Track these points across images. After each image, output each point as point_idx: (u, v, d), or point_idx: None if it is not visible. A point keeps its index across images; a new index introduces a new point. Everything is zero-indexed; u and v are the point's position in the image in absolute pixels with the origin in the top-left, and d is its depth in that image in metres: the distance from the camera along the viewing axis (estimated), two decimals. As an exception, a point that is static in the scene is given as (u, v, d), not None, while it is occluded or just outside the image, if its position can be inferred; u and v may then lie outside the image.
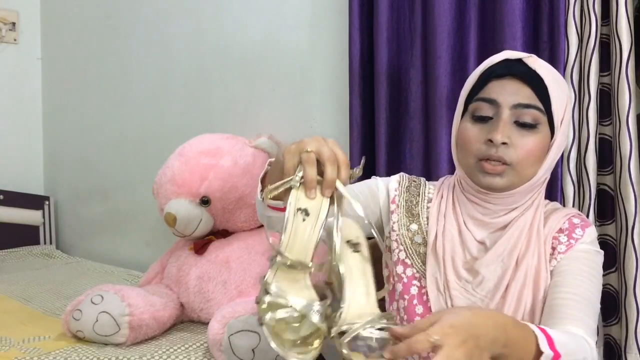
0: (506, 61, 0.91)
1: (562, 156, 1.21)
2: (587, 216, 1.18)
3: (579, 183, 1.21)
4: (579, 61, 1.20)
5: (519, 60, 0.90)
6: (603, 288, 1.21)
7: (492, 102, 0.89)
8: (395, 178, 1.05)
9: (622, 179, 1.14)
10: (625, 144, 1.12)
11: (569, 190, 1.20)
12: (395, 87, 1.46)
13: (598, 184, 1.21)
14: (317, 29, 1.77)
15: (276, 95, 1.89)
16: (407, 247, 0.98)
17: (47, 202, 2.75)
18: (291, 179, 0.73)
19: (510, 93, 0.88)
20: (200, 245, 1.63)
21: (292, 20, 1.83)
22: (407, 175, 1.05)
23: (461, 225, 0.95)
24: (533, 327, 0.73)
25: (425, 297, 0.94)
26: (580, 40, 1.19)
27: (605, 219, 1.22)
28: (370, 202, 1.02)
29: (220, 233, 1.69)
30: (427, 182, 1.05)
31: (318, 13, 1.76)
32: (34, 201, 2.72)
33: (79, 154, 2.72)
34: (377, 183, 1.04)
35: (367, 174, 1.51)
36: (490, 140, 0.87)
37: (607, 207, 1.22)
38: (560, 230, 0.92)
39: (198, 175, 1.61)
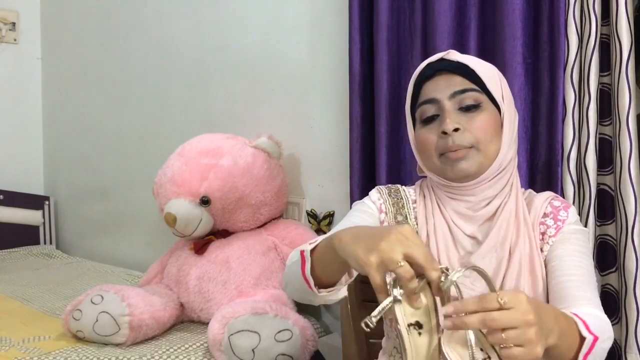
0: (430, 64, 0.96)
1: (562, 156, 1.21)
2: (587, 216, 1.18)
3: (579, 183, 1.21)
4: (579, 61, 1.20)
5: (441, 59, 0.95)
6: (603, 288, 1.23)
7: (432, 100, 0.93)
8: (373, 191, 1.05)
9: (622, 179, 1.14)
10: (625, 144, 1.12)
11: (569, 190, 1.20)
12: (395, 87, 1.46)
13: (598, 184, 1.21)
14: (317, 29, 1.77)
15: (276, 95, 1.89)
16: None
17: (47, 202, 2.75)
18: (391, 301, 0.65)
19: (443, 87, 0.92)
20: (200, 245, 1.63)
21: (292, 21, 1.83)
22: (381, 186, 1.07)
23: (449, 222, 0.96)
24: (569, 313, 0.75)
25: None
26: (580, 40, 1.19)
27: (605, 219, 1.22)
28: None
29: (220, 233, 1.69)
30: (403, 186, 1.06)
31: (318, 13, 1.76)
32: (34, 201, 2.72)
33: (79, 154, 2.72)
34: (365, 203, 1.03)
35: (367, 174, 1.52)
36: (444, 132, 0.90)
37: (607, 207, 1.22)
38: (545, 215, 0.95)
39: (198, 175, 1.61)
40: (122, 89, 2.47)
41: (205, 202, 1.61)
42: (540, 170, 1.27)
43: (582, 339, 0.72)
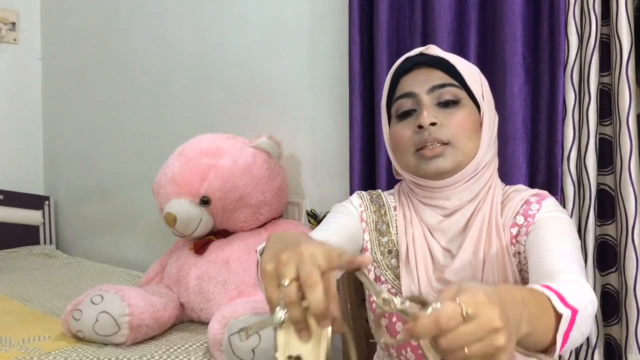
0: (408, 58, 0.93)
1: (562, 156, 1.21)
2: (587, 216, 1.18)
3: (579, 183, 1.21)
4: (579, 61, 1.20)
5: (420, 54, 0.92)
6: (603, 288, 1.22)
7: (409, 94, 0.90)
8: (354, 196, 1.02)
9: (622, 179, 1.14)
10: (625, 144, 1.12)
11: (569, 190, 1.20)
12: (395, 87, 1.46)
13: (598, 184, 1.21)
14: (317, 29, 1.77)
15: (276, 95, 1.89)
16: (380, 263, 0.95)
17: (47, 202, 2.75)
18: (272, 321, 0.56)
19: (422, 80, 0.89)
20: (200, 245, 1.63)
21: (292, 20, 1.83)
22: (362, 191, 1.03)
23: (426, 233, 0.93)
24: (541, 288, 0.66)
25: None
26: (580, 40, 1.19)
27: (605, 219, 1.22)
28: (355, 229, 0.97)
29: (220, 233, 1.68)
30: (382, 192, 1.03)
31: (318, 13, 1.76)
32: (34, 201, 2.72)
33: (79, 154, 2.72)
34: (346, 206, 1.00)
35: (367, 174, 1.52)
36: (420, 126, 0.87)
37: (607, 207, 1.22)
38: (517, 213, 0.89)
39: (198, 175, 1.61)
40: (122, 89, 2.47)
41: (205, 202, 1.61)
42: (540, 170, 1.27)
43: (559, 315, 0.64)
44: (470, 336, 0.51)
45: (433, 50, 0.91)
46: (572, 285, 0.70)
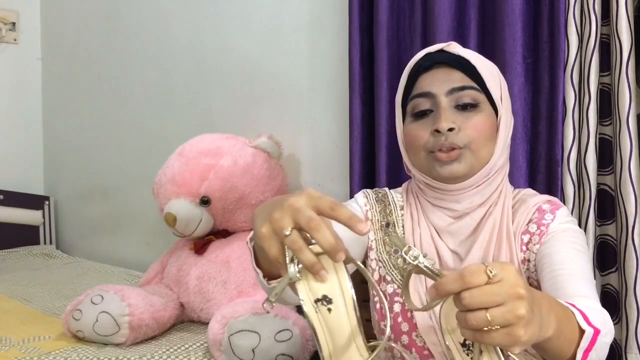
0: (428, 54, 0.90)
1: (562, 156, 1.21)
2: (587, 216, 1.18)
3: (579, 183, 1.21)
4: (579, 61, 1.20)
5: (441, 50, 0.90)
6: (603, 288, 1.22)
7: (427, 94, 0.88)
8: (359, 195, 1.01)
9: (622, 179, 1.14)
10: (625, 144, 1.12)
11: (569, 190, 1.20)
12: (395, 87, 1.45)
13: (598, 184, 1.21)
14: (317, 29, 1.77)
15: (276, 95, 1.89)
16: (385, 263, 0.94)
17: (47, 202, 2.75)
18: (288, 276, 0.57)
19: (441, 81, 0.87)
20: (200, 245, 1.63)
21: (292, 20, 1.83)
22: (368, 189, 1.03)
23: (433, 235, 0.92)
24: (566, 303, 0.66)
25: (409, 314, 0.90)
26: (580, 40, 1.19)
27: (605, 219, 1.22)
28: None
29: (220, 233, 1.69)
30: (390, 190, 1.02)
31: (318, 13, 1.76)
32: (34, 201, 2.72)
33: (79, 154, 2.72)
34: (352, 205, 0.99)
35: (367, 174, 1.52)
36: (437, 131, 0.85)
37: (607, 207, 1.22)
38: (530, 221, 0.89)
39: (198, 175, 1.61)
40: (122, 88, 2.47)
41: (205, 202, 1.61)
42: (540, 170, 1.27)
43: (582, 332, 0.65)
44: (492, 296, 0.53)
45: (454, 48, 0.89)
46: (595, 312, 0.71)
